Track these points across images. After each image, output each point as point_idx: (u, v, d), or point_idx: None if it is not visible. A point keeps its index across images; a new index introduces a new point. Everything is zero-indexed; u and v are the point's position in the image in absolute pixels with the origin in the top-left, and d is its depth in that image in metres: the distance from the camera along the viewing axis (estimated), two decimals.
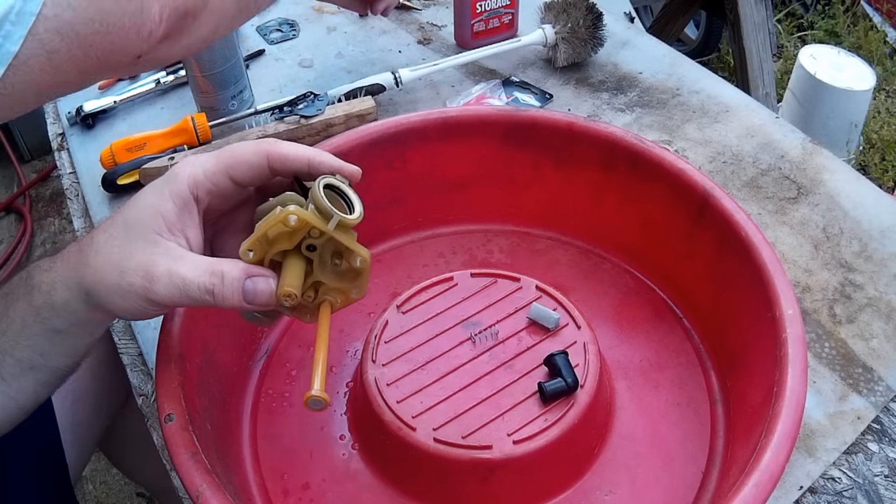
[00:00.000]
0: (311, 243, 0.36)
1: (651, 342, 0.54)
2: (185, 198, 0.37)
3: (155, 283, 0.35)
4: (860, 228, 0.63)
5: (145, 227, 0.36)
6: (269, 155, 0.38)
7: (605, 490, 0.46)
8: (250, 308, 0.37)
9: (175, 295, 0.36)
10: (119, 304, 0.36)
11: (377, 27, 0.90)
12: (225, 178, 0.38)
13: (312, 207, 0.36)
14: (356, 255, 0.37)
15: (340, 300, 0.39)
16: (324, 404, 0.36)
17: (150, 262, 0.35)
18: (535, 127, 0.57)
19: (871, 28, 1.97)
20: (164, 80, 0.81)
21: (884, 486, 0.47)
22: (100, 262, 0.36)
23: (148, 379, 0.57)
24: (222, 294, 0.36)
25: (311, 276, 0.38)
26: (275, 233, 0.36)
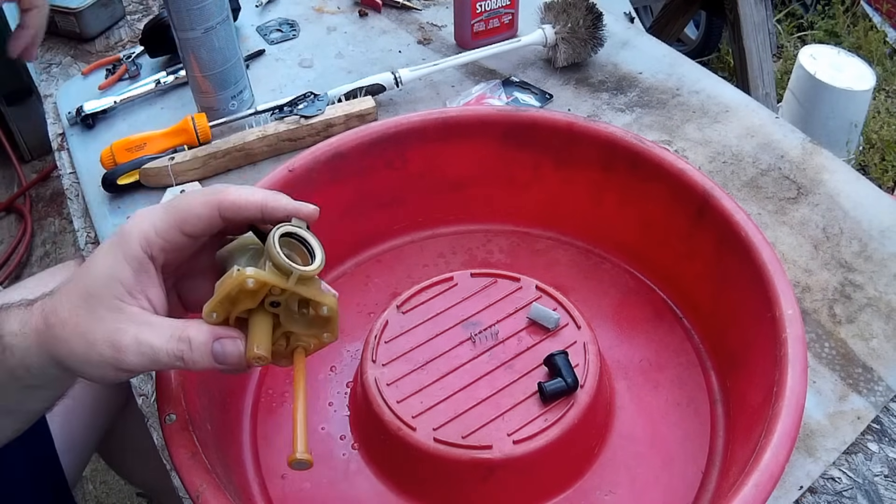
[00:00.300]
0: (273, 300, 0.36)
1: (651, 342, 0.54)
2: (140, 259, 0.36)
3: (124, 353, 0.35)
4: (860, 228, 0.63)
5: (105, 296, 0.35)
6: (220, 205, 0.37)
7: (604, 490, 0.46)
8: (223, 369, 0.37)
9: (146, 363, 0.35)
10: (92, 372, 0.36)
11: (377, 27, 0.90)
12: (177, 234, 0.37)
13: (270, 265, 0.35)
14: (322, 306, 0.36)
15: (314, 344, 0.38)
16: (308, 465, 0.35)
17: (115, 331, 0.35)
18: (535, 127, 0.57)
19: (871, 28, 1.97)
20: (164, 81, 0.81)
21: (884, 486, 0.47)
22: (67, 333, 0.35)
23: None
24: (192, 359, 0.35)
25: (279, 328, 0.37)
26: (235, 294, 0.35)
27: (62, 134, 0.80)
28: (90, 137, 0.78)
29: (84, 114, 0.78)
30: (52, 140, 0.81)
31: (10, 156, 1.83)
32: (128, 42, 0.93)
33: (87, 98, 0.80)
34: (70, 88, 0.85)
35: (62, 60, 0.91)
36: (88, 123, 0.78)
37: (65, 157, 0.78)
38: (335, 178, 0.56)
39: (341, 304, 0.38)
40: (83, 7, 0.91)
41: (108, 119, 0.79)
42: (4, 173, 1.89)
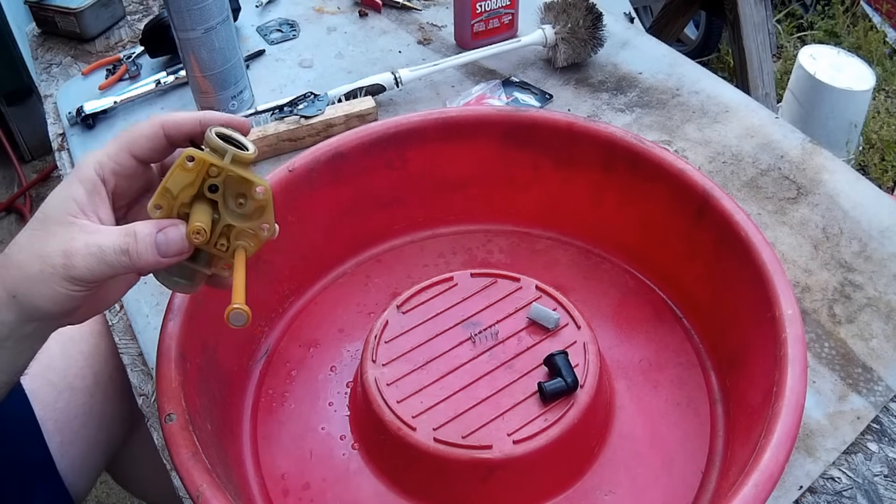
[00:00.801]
0: (211, 183, 0.38)
1: (651, 342, 0.54)
2: (92, 180, 0.38)
3: (73, 258, 0.36)
4: (860, 228, 0.63)
5: (60, 213, 0.37)
6: (164, 124, 0.40)
7: (604, 490, 0.46)
8: (165, 261, 0.38)
9: (93, 265, 0.36)
10: (43, 293, 0.36)
11: (377, 27, 0.90)
12: (127, 156, 0.39)
13: (208, 150, 0.38)
14: (256, 185, 0.38)
15: (253, 244, 0.40)
16: (246, 318, 0.37)
17: (68, 240, 0.37)
18: (535, 127, 0.57)
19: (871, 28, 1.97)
20: (164, 81, 0.81)
21: (883, 486, 0.47)
22: (22, 257, 0.37)
23: (148, 379, 0.57)
24: (136, 251, 0.37)
25: (218, 222, 0.39)
26: (176, 180, 0.37)
27: (62, 134, 0.80)
28: (90, 137, 0.78)
29: (84, 114, 0.78)
30: (53, 140, 0.81)
31: (11, 156, 1.83)
32: (128, 42, 0.93)
33: (87, 98, 0.80)
34: (70, 88, 0.85)
35: (62, 60, 0.91)
36: (89, 123, 0.78)
37: (65, 157, 0.78)
38: (335, 179, 0.56)
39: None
40: (83, 7, 0.91)
41: (109, 119, 0.80)
42: (5, 173, 1.89)
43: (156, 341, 0.44)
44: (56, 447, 0.60)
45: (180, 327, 0.44)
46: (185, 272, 0.40)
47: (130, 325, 0.60)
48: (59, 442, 0.60)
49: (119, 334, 0.61)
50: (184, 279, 0.41)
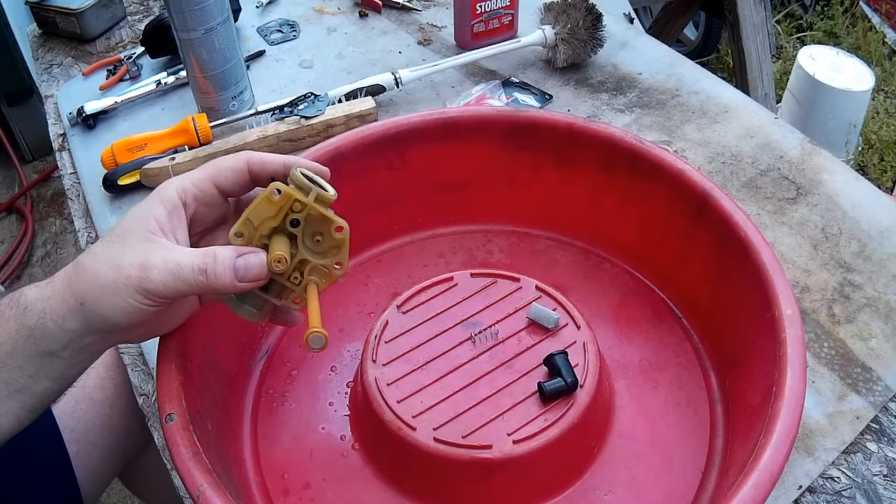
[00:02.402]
0: (294, 218, 0.39)
1: (650, 342, 0.54)
2: (174, 202, 0.39)
3: (150, 271, 0.37)
4: (859, 229, 0.63)
5: (139, 229, 0.38)
6: (249, 160, 0.41)
7: (604, 490, 0.46)
8: (242, 286, 0.38)
9: (169, 281, 0.37)
10: (114, 302, 0.37)
11: (377, 28, 0.90)
12: (210, 185, 0.40)
13: (293, 186, 0.39)
14: (335, 224, 0.40)
15: (325, 280, 0.41)
16: (324, 341, 0.38)
17: (145, 254, 0.37)
18: (535, 127, 0.57)
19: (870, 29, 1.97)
20: (164, 81, 0.82)
21: (882, 486, 0.47)
22: (98, 264, 0.37)
23: (148, 379, 0.57)
24: (214, 272, 0.37)
25: (294, 257, 0.40)
26: (260, 211, 0.38)
27: (63, 134, 0.80)
28: (91, 138, 0.78)
29: (85, 114, 0.78)
30: (53, 140, 0.81)
31: (11, 156, 1.83)
32: (128, 43, 0.93)
33: (88, 98, 0.80)
34: (71, 89, 0.85)
35: (63, 61, 0.91)
36: (89, 124, 0.79)
37: (66, 157, 0.78)
38: (335, 179, 0.56)
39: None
40: (84, 8, 0.91)
41: (109, 119, 0.80)
42: (5, 174, 1.90)
43: (156, 341, 0.44)
44: (72, 456, 0.60)
45: (181, 327, 0.44)
46: (256, 301, 0.42)
47: None
48: (76, 452, 0.61)
49: None
50: (253, 307, 0.42)
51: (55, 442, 0.60)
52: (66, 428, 0.60)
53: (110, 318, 0.37)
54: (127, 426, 0.64)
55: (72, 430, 0.60)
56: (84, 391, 0.62)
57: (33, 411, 0.41)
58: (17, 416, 0.40)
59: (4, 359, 0.38)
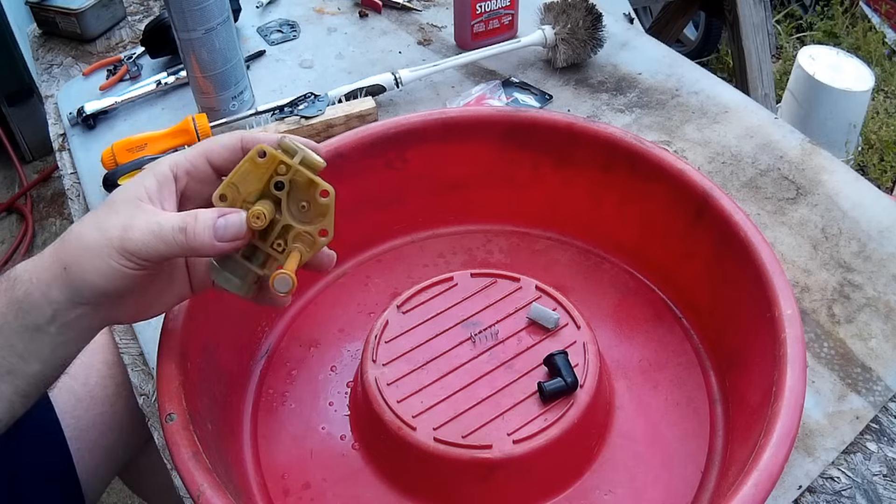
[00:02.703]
0: (278, 180, 0.38)
1: (650, 342, 0.54)
2: (165, 174, 0.40)
3: (131, 231, 0.37)
4: (859, 229, 0.63)
5: (127, 198, 0.38)
6: (243, 138, 0.41)
7: (604, 489, 0.46)
8: (221, 246, 0.38)
9: (150, 240, 0.37)
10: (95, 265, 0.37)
11: (377, 28, 0.90)
12: (202, 160, 0.41)
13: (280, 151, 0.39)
14: (321, 187, 0.39)
15: (309, 249, 0.40)
16: (291, 284, 0.37)
17: (129, 218, 0.37)
18: (535, 127, 0.57)
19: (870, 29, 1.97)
20: (165, 81, 0.82)
21: (882, 486, 0.48)
22: (83, 228, 0.38)
23: (149, 378, 0.57)
24: (194, 230, 0.37)
25: (278, 222, 0.39)
26: (244, 173, 0.38)
27: (63, 134, 0.80)
28: (91, 138, 0.78)
29: (85, 114, 0.78)
30: (54, 140, 0.81)
31: (12, 156, 1.83)
32: (129, 43, 0.93)
33: (88, 98, 0.80)
34: (71, 89, 0.85)
35: (63, 61, 0.91)
36: (89, 124, 0.79)
37: (66, 157, 0.78)
38: (335, 179, 0.56)
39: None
40: (84, 8, 0.91)
41: (109, 119, 0.80)
42: (5, 174, 1.90)
43: (156, 341, 0.44)
44: (74, 454, 0.60)
45: (181, 327, 0.44)
46: (238, 270, 0.40)
47: (131, 324, 0.61)
48: (77, 449, 0.61)
49: (119, 334, 0.62)
50: (235, 276, 0.41)
51: (58, 440, 0.60)
52: (69, 426, 0.60)
53: (91, 283, 0.37)
54: (128, 424, 0.64)
55: (74, 428, 0.61)
56: (86, 389, 0.62)
57: (26, 397, 0.40)
58: (10, 402, 0.40)
59: None
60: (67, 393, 0.61)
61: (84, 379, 0.62)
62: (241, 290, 0.41)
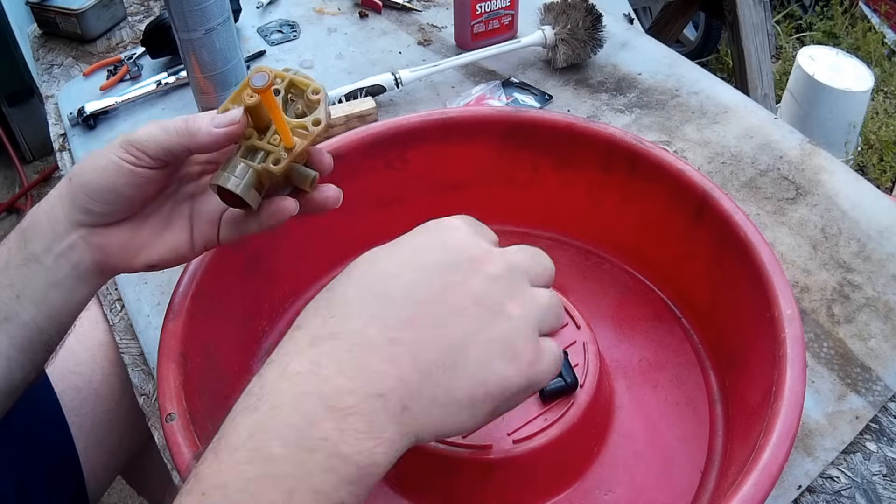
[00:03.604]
0: (275, 89, 0.41)
1: (650, 342, 0.54)
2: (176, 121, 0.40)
3: (137, 129, 0.38)
4: (858, 229, 0.63)
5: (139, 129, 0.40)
6: None
7: (604, 489, 0.46)
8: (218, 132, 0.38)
9: (153, 130, 0.38)
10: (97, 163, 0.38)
11: (377, 28, 0.90)
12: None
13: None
14: (311, 87, 0.41)
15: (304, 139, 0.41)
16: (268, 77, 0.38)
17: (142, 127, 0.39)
18: (535, 128, 0.57)
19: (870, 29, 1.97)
20: (165, 81, 0.82)
21: (882, 486, 0.48)
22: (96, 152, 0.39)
23: (149, 378, 0.57)
24: (195, 121, 0.38)
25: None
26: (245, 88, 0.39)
27: (64, 134, 0.80)
28: (92, 138, 0.78)
29: (85, 114, 0.78)
30: (54, 141, 0.81)
31: (12, 156, 1.83)
32: (129, 43, 0.93)
33: (88, 99, 0.80)
34: (71, 89, 0.85)
35: (64, 61, 0.91)
36: (90, 124, 0.79)
37: (66, 157, 0.79)
38: (336, 179, 0.56)
39: None
40: (85, 8, 0.91)
41: (110, 120, 0.80)
42: (6, 174, 1.90)
43: (157, 341, 0.44)
44: (80, 451, 0.60)
45: (181, 327, 0.44)
46: (239, 169, 0.40)
47: (131, 324, 0.61)
48: (84, 447, 0.61)
49: (120, 334, 0.62)
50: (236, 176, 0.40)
51: (64, 438, 0.60)
52: (74, 424, 0.60)
53: (91, 183, 0.38)
54: (132, 421, 0.64)
55: (79, 425, 0.61)
56: (91, 387, 0.62)
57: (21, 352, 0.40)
58: (7, 357, 0.40)
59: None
60: (73, 391, 0.61)
61: (89, 377, 0.62)
62: (240, 188, 0.40)
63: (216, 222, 0.42)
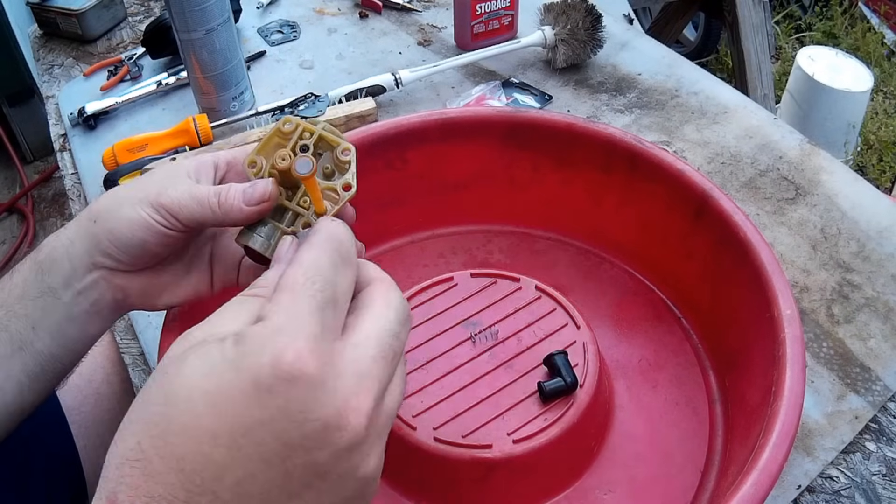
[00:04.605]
0: (303, 144, 0.40)
1: (650, 342, 0.54)
2: (204, 160, 0.40)
3: (169, 189, 0.37)
4: (858, 229, 0.63)
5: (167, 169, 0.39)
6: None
7: (604, 489, 0.46)
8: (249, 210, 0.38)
9: (185, 199, 0.37)
10: (125, 214, 0.37)
11: (377, 29, 0.90)
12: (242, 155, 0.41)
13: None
14: (342, 146, 0.41)
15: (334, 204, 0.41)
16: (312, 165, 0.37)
17: (170, 180, 0.38)
18: (535, 128, 0.57)
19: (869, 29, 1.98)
20: (165, 82, 0.82)
21: (881, 486, 0.48)
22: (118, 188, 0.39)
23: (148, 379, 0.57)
24: (227, 195, 0.38)
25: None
26: (272, 139, 0.39)
27: (64, 135, 0.81)
28: (92, 138, 0.78)
29: (86, 115, 0.78)
30: (55, 141, 0.81)
31: (13, 156, 1.83)
32: (129, 43, 0.93)
33: (89, 99, 0.80)
34: (72, 89, 0.85)
35: (64, 62, 0.92)
36: (90, 124, 0.79)
37: (67, 157, 0.79)
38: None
39: None
40: (85, 8, 0.91)
41: (110, 120, 0.80)
42: (7, 174, 1.90)
43: (157, 341, 0.44)
44: (80, 450, 0.60)
45: (181, 327, 0.44)
46: (267, 230, 0.40)
47: (132, 324, 0.61)
48: (84, 446, 0.61)
49: (120, 334, 0.62)
50: (264, 237, 0.40)
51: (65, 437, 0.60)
52: (75, 423, 0.60)
53: (116, 232, 0.37)
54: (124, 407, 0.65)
55: (80, 425, 0.61)
56: (91, 386, 0.62)
57: (34, 379, 0.40)
58: (19, 382, 0.39)
59: (14, 305, 0.38)
60: (74, 390, 0.61)
61: (89, 377, 0.63)
62: (269, 251, 0.40)
63: (236, 266, 0.42)
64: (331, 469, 0.26)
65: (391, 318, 0.30)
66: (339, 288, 0.29)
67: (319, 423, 0.25)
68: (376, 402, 0.27)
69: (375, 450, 0.27)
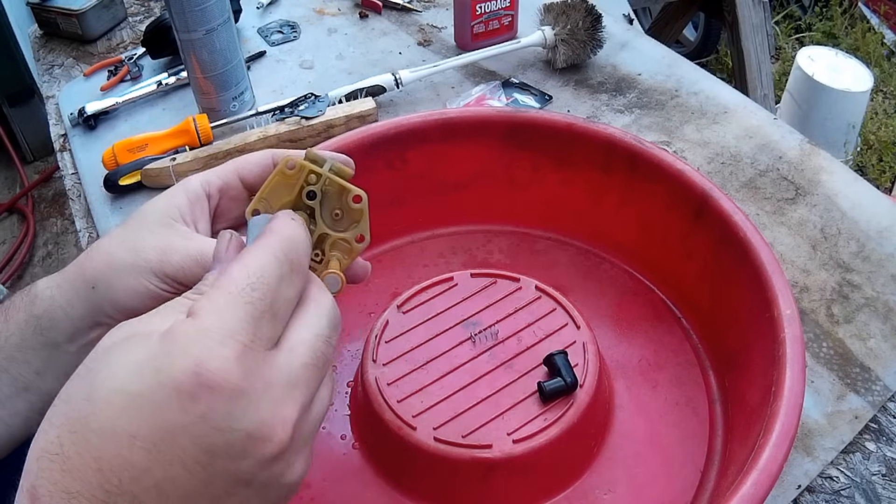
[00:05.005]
0: (310, 190, 0.38)
1: (650, 342, 0.54)
2: (197, 193, 0.38)
3: (171, 255, 0.35)
4: (858, 229, 0.63)
5: (160, 215, 0.37)
6: (274, 155, 0.40)
7: (603, 489, 0.46)
8: None
9: (190, 266, 0.35)
10: (128, 284, 0.35)
11: (378, 29, 0.90)
12: (234, 176, 0.40)
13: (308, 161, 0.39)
14: (353, 193, 0.38)
15: (347, 256, 0.40)
16: (340, 284, 0.36)
17: (166, 240, 0.36)
18: (535, 128, 0.57)
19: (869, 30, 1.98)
20: (165, 82, 0.82)
21: (881, 486, 0.48)
22: (114, 247, 0.36)
23: None
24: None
25: (313, 233, 0.39)
26: (275, 186, 0.37)
27: (64, 135, 0.81)
28: (92, 138, 0.78)
29: (86, 115, 0.78)
30: (55, 141, 0.81)
31: (13, 157, 1.83)
32: (129, 43, 0.93)
33: (89, 99, 0.80)
34: (72, 89, 0.85)
35: (64, 62, 0.92)
36: (90, 124, 0.79)
37: (67, 157, 0.79)
38: None
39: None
40: (85, 9, 0.91)
41: (110, 120, 0.80)
42: (7, 174, 1.90)
43: None
44: None
45: None
46: None
47: None
48: None
49: None
50: None
51: None
52: None
53: (121, 302, 0.36)
54: None
55: None
56: None
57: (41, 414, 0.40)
58: (26, 418, 0.39)
59: (13, 352, 0.38)
60: None
61: None
62: None
63: None
64: (255, 477, 0.26)
65: (324, 324, 0.30)
66: (282, 299, 0.28)
67: (244, 433, 0.25)
68: (304, 410, 0.27)
69: (301, 456, 0.28)
